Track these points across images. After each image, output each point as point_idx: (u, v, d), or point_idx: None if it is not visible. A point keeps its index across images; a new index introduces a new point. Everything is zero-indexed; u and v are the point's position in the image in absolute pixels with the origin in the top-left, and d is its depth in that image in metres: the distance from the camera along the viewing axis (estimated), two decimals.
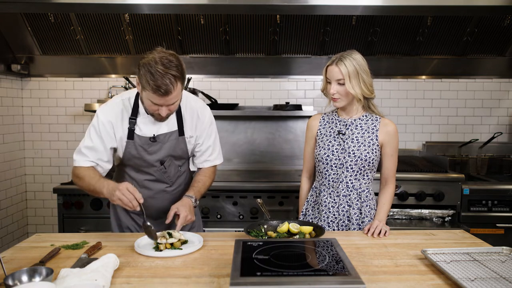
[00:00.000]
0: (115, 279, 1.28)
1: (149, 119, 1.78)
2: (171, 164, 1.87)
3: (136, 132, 1.78)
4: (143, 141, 1.79)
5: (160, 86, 1.53)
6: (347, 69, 1.77)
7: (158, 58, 1.55)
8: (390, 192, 1.90)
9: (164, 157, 1.83)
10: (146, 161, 1.82)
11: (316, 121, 1.99)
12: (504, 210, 2.83)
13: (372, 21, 3.18)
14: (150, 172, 1.86)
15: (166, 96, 1.57)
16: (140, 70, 1.58)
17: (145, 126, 1.79)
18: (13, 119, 3.45)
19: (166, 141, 1.82)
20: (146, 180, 1.88)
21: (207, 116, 1.91)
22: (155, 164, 1.84)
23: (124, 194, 1.55)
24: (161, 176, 1.88)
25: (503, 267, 1.33)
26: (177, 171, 1.92)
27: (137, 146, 1.79)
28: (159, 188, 1.90)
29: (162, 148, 1.82)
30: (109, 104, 1.81)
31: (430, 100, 3.61)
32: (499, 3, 2.55)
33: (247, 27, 3.22)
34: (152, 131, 1.79)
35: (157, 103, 1.60)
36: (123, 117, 1.78)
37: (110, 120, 1.76)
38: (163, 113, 1.64)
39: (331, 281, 1.02)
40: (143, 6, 2.59)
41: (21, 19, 3.17)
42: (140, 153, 1.80)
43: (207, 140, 1.92)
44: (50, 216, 3.64)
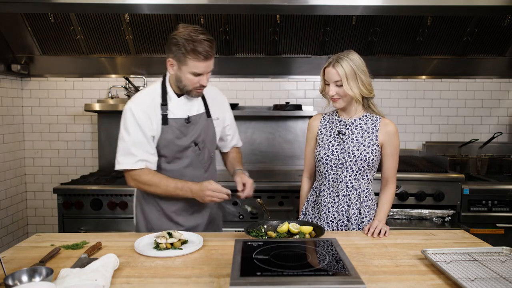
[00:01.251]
0: (115, 279, 1.28)
1: (180, 103, 1.85)
2: (204, 146, 1.92)
3: (170, 116, 1.83)
4: (178, 123, 1.84)
5: (204, 51, 1.66)
6: (344, 71, 1.76)
7: (193, 30, 1.68)
8: (391, 192, 1.90)
9: (197, 138, 1.89)
10: (181, 145, 1.86)
11: (316, 121, 2.00)
12: (504, 210, 2.83)
13: (372, 21, 3.18)
14: (185, 156, 1.89)
15: (208, 61, 1.70)
16: (174, 46, 1.68)
17: (177, 109, 1.85)
18: (13, 119, 3.45)
19: (198, 122, 1.88)
20: (183, 168, 1.90)
21: (225, 100, 2.07)
22: (190, 145, 1.87)
23: (214, 195, 1.72)
24: (196, 160, 1.91)
25: (503, 267, 1.33)
26: (209, 157, 1.97)
27: (173, 129, 1.83)
28: (195, 175, 1.90)
29: (195, 129, 1.88)
30: (139, 97, 1.86)
31: (430, 100, 3.61)
32: (499, 3, 2.55)
33: (247, 27, 3.22)
34: (185, 113, 1.85)
35: (200, 71, 1.71)
36: (155, 105, 1.82)
37: (144, 109, 1.80)
38: (205, 82, 1.75)
39: (331, 281, 1.02)
40: (143, 6, 2.59)
41: (21, 19, 3.17)
42: (177, 136, 1.84)
43: (232, 122, 2.07)
44: (50, 216, 3.64)
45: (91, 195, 2.81)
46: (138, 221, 1.99)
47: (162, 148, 1.85)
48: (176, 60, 1.71)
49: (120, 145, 1.81)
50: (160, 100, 1.83)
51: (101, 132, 3.49)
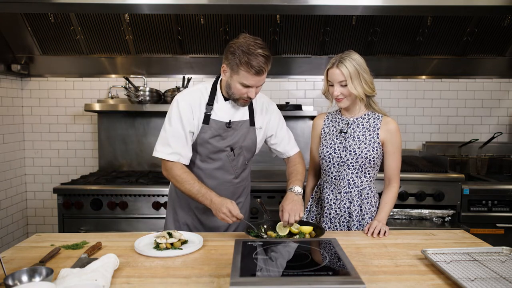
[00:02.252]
0: (115, 279, 1.28)
1: (225, 106, 1.86)
2: (240, 153, 1.93)
3: (212, 117, 1.84)
4: (219, 125, 1.85)
5: (257, 66, 1.67)
6: (348, 70, 1.79)
7: (252, 41, 1.70)
8: (393, 192, 1.90)
9: (234, 144, 1.90)
10: (217, 147, 1.87)
11: (320, 120, 2.04)
12: (504, 210, 2.83)
13: (372, 21, 3.18)
14: (218, 159, 1.90)
15: (260, 76, 1.71)
16: (230, 54, 1.70)
17: (221, 112, 1.86)
18: (13, 119, 3.45)
19: (238, 128, 1.89)
20: (214, 169, 1.92)
21: (276, 109, 2.06)
22: (226, 149, 1.89)
23: (228, 216, 1.68)
24: (228, 165, 1.92)
25: (503, 267, 1.33)
26: (244, 164, 1.98)
27: (212, 130, 1.84)
28: (225, 179, 1.93)
29: (234, 135, 1.88)
30: (188, 91, 1.89)
31: (430, 100, 3.61)
32: (499, 3, 2.55)
33: (247, 27, 3.22)
34: (228, 117, 1.87)
35: (250, 84, 1.72)
36: (201, 102, 1.85)
37: (190, 103, 1.82)
38: (253, 94, 1.76)
39: (331, 281, 1.02)
40: (143, 6, 2.59)
41: (21, 19, 3.17)
42: (214, 138, 1.85)
43: (280, 132, 2.03)
44: (50, 216, 3.65)
45: (91, 195, 2.81)
46: (167, 218, 2.05)
47: (198, 146, 1.88)
48: (229, 68, 1.74)
49: (161, 134, 1.84)
50: (207, 98, 1.86)
51: (101, 132, 3.49)
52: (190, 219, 2.01)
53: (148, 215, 2.81)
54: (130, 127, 3.50)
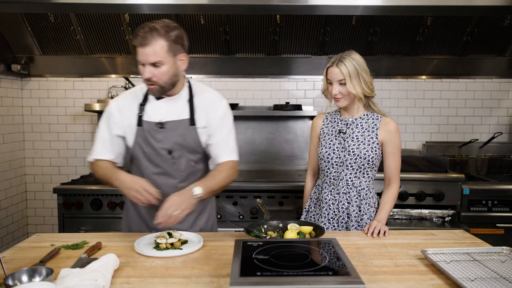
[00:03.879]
0: (115, 279, 1.28)
1: (157, 105, 1.77)
2: (181, 155, 1.79)
3: (144, 118, 1.76)
4: (150, 126, 1.75)
5: (139, 35, 1.60)
6: (348, 69, 1.79)
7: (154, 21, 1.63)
8: (393, 192, 1.90)
9: (172, 146, 1.76)
10: (152, 150, 1.76)
11: (319, 121, 2.03)
12: (504, 210, 2.83)
13: (372, 21, 3.18)
14: (158, 163, 1.79)
15: (143, 48, 1.60)
16: None
17: (154, 112, 1.77)
18: (13, 119, 3.45)
19: (175, 129, 1.76)
20: (154, 174, 1.79)
21: (221, 108, 1.82)
22: (162, 153, 1.77)
23: (142, 195, 1.56)
24: (170, 168, 1.79)
25: (503, 267, 1.33)
26: (189, 166, 1.82)
27: (145, 132, 1.76)
28: (168, 183, 1.79)
29: (170, 136, 1.75)
30: (124, 93, 1.86)
31: (430, 100, 3.61)
32: (499, 3, 2.55)
33: (247, 27, 3.22)
34: (159, 117, 1.76)
35: (139, 59, 1.63)
36: (133, 104, 1.79)
37: (119, 106, 1.78)
38: (146, 74, 1.62)
39: (331, 281, 1.02)
40: (143, 6, 2.59)
41: (21, 19, 3.17)
42: (147, 140, 1.76)
43: (218, 133, 1.80)
44: (50, 216, 3.64)
45: (91, 195, 2.81)
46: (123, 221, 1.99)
47: (136, 150, 1.79)
48: None
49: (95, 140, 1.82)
50: (141, 99, 1.79)
51: None
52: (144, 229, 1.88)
53: None
54: None
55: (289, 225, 1.73)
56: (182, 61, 1.71)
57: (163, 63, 1.63)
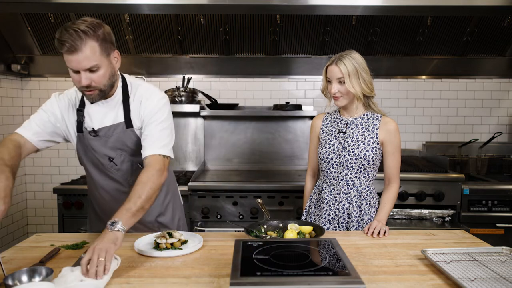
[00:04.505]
0: (115, 279, 1.28)
1: (92, 110, 1.65)
2: (124, 160, 1.69)
3: (84, 124, 1.66)
4: (85, 134, 1.66)
5: (65, 41, 1.41)
6: (347, 68, 1.79)
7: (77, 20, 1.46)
8: (393, 191, 1.90)
9: (111, 152, 1.67)
10: (93, 156, 1.68)
11: (319, 121, 2.03)
12: (504, 210, 2.83)
13: (372, 21, 3.18)
14: (102, 169, 1.71)
15: (75, 54, 1.43)
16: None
17: (89, 118, 1.66)
18: (13, 119, 3.45)
19: (111, 135, 1.65)
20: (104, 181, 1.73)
21: (154, 101, 1.65)
22: (103, 161, 1.68)
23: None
24: (116, 175, 1.71)
25: (503, 267, 1.33)
26: (137, 168, 1.70)
27: (83, 139, 1.66)
28: (121, 190, 1.73)
29: (108, 142, 1.66)
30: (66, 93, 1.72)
31: (430, 100, 3.61)
32: (499, 3, 2.56)
33: (247, 27, 3.22)
34: (94, 123, 1.65)
35: (71, 66, 1.47)
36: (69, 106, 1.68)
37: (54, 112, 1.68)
38: (84, 81, 1.47)
39: (331, 281, 1.02)
40: (143, 6, 2.59)
41: (21, 19, 3.17)
42: (87, 148, 1.67)
43: (149, 127, 1.63)
44: (50, 216, 3.64)
45: None
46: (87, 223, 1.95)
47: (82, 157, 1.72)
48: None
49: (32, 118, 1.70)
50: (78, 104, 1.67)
51: None
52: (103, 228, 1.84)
53: None
54: None
55: (289, 225, 1.73)
56: (116, 59, 1.60)
57: (99, 66, 1.49)
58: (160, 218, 1.88)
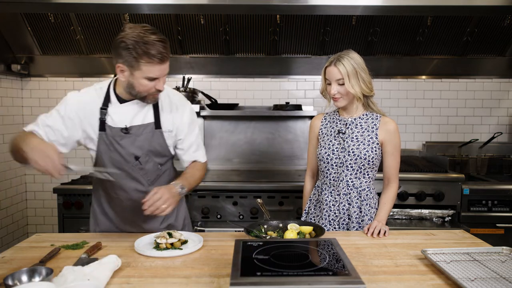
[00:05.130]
0: (115, 279, 1.28)
1: (121, 109, 1.69)
2: (149, 160, 1.73)
3: (108, 122, 1.68)
4: (114, 132, 1.67)
5: (158, 53, 1.51)
6: (346, 69, 1.78)
7: (142, 30, 1.52)
8: (392, 191, 1.90)
9: (139, 151, 1.71)
10: (118, 154, 1.69)
11: (318, 121, 2.02)
12: (504, 210, 2.83)
13: (372, 21, 3.18)
14: (125, 169, 1.72)
15: (164, 64, 1.56)
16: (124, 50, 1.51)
17: (118, 116, 1.68)
18: (13, 119, 3.45)
19: (140, 134, 1.70)
20: (121, 179, 1.73)
21: (188, 111, 1.80)
22: (129, 159, 1.70)
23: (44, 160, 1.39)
24: (138, 174, 1.74)
25: (503, 267, 1.33)
26: (157, 169, 1.77)
27: (109, 138, 1.67)
28: (136, 188, 1.75)
29: (137, 141, 1.69)
30: (82, 92, 1.74)
31: (430, 100, 3.61)
32: (499, 3, 2.55)
33: (247, 27, 3.22)
34: (125, 121, 1.68)
35: (156, 75, 1.56)
36: (93, 107, 1.69)
37: (77, 113, 1.68)
38: (161, 86, 1.60)
39: (331, 281, 1.02)
40: (143, 6, 2.59)
41: (21, 19, 3.17)
42: (112, 146, 1.68)
43: (189, 137, 1.79)
44: (50, 216, 3.64)
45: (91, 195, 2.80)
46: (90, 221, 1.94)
47: (99, 155, 1.72)
48: (127, 66, 1.54)
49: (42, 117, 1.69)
50: (101, 102, 1.69)
51: None
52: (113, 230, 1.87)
53: None
54: None
55: (289, 225, 1.73)
56: None
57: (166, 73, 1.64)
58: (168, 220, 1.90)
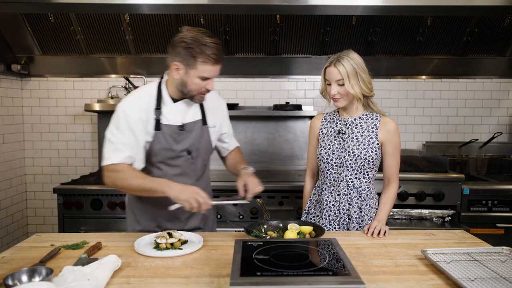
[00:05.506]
0: (115, 279, 1.28)
1: (175, 108, 1.79)
2: (198, 155, 1.86)
3: (163, 122, 1.77)
4: (171, 130, 1.78)
5: (214, 54, 1.63)
6: (346, 70, 1.78)
7: (199, 33, 1.65)
8: (392, 191, 1.89)
9: (191, 146, 1.82)
10: (174, 151, 1.80)
11: (318, 121, 2.02)
12: (504, 210, 2.83)
13: (372, 21, 3.18)
14: (177, 164, 1.82)
15: (219, 65, 1.69)
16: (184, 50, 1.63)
17: (172, 115, 1.78)
18: (13, 119, 3.45)
19: (192, 130, 1.82)
20: (174, 175, 1.81)
21: (225, 106, 2.04)
22: (182, 154, 1.82)
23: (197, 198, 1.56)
24: (188, 168, 1.85)
25: (503, 267, 1.33)
26: (203, 165, 1.92)
27: (166, 136, 1.77)
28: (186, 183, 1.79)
29: (189, 137, 1.81)
30: (133, 98, 1.79)
31: (430, 100, 3.61)
32: (499, 3, 2.55)
33: (247, 27, 3.22)
34: (179, 120, 1.79)
35: (210, 75, 1.68)
36: (149, 109, 1.77)
37: (140, 116, 1.74)
38: (212, 86, 1.73)
39: (331, 281, 1.02)
40: (143, 6, 2.59)
41: (21, 19, 3.17)
42: (169, 143, 1.78)
43: (227, 128, 2.02)
44: (50, 216, 3.64)
45: (91, 195, 2.81)
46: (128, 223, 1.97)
47: (154, 154, 1.78)
48: (184, 64, 1.66)
49: (108, 144, 1.73)
50: (154, 103, 1.77)
51: (101, 132, 3.48)
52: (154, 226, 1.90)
53: None
54: None
55: (289, 225, 1.73)
56: None
57: None
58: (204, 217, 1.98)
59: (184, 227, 1.88)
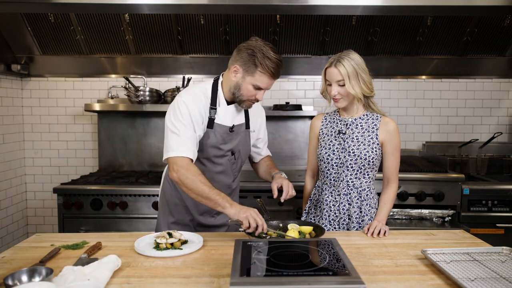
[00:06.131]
0: (115, 279, 1.28)
1: (228, 110, 1.85)
2: (239, 156, 1.94)
3: (216, 121, 1.83)
4: (223, 130, 1.84)
5: (274, 69, 1.75)
6: (346, 70, 1.78)
7: (266, 46, 1.75)
8: (392, 192, 1.89)
9: (235, 147, 1.90)
10: (221, 150, 1.87)
11: (318, 121, 2.02)
12: (504, 210, 2.83)
13: (372, 21, 3.18)
14: (221, 162, 1.90)
15: (274, 79, 1.79)
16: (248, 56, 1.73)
17: (224, 116, 1.85)
18: (13, 119, 3.45)
19: (239, 133, 1.91)
20: (216, 173, 1.90)
21: (264, 112, 2.09)
22: (227, 154, 1.89)
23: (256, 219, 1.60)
24: (230, 168, 1.93)
25: (503, 267, 1.33)
26: (240, 167, 2.00)
27: (217, 135, 1.83)
28: (225, 182, 1.94)
29: (236, 139, 1.89)
30: (192, 93, 1.81)
31: (430, 100, 3.61)
32: (499, 3, 2.55)
33: (247, 27, 3.22)
34: (230, 121, 1.86)
35: (263, 86, 1.77)
36: (206, 105, 1.82)
37: (198, 106, 1.78)
38: (261, 97, 1.80)
39: (331, 281, 1.02)
40: (143, 6, 2.59)
41: (21, 19, 3.17)
42: (218, 142, 1.84)
43: (265, 135, 2.10)
44: (50, 216, 3.65)
45: (91, 195, 2.81)
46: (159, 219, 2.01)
47: (202, 150, 1.84)
48: (244, 69, 1.74)
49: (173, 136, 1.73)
50: (209, 102, 1.82)
51: (101, 132, 3.49)
52: (187, 219, 1.98)
53: (148, 215, 2.81)
54: (130, 127, 3.50)
55: (289, 225, 1.73)
56: None
57: None
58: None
59: (215, 222, 1.99)
